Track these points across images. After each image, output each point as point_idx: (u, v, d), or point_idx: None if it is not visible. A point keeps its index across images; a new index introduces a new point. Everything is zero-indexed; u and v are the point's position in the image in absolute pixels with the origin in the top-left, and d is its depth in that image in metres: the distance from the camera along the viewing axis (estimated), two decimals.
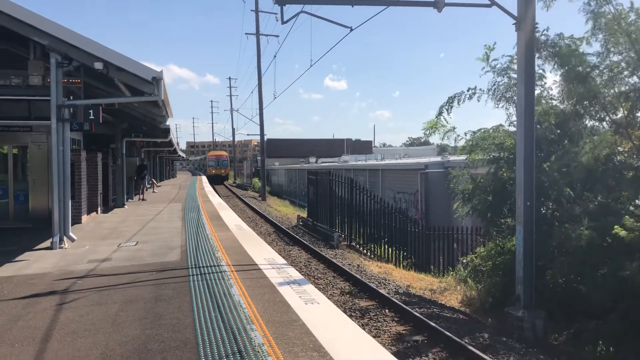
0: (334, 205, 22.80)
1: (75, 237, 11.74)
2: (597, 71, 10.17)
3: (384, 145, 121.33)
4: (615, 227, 8.19)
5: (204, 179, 56.31)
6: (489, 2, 10.10)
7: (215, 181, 63.88)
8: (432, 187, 24.11)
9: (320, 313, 6.12)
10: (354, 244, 20.47)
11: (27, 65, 11.68)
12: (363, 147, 77.02)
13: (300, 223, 25.69)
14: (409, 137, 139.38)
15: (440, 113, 12.27)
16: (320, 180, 24.56)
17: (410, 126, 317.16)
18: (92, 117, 11.53)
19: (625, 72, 9.94)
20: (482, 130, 12.32)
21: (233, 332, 5.43)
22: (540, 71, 11.17)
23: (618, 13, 9.86)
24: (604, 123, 10.65)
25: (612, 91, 10.04)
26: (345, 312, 8.11)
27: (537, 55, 10.49)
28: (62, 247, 11.06)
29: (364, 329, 7.44)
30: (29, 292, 7.40)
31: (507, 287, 10.85)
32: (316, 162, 53.07)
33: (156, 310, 6.35)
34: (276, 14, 36.08)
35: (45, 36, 10.73)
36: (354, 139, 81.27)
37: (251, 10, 34.37)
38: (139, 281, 7.93)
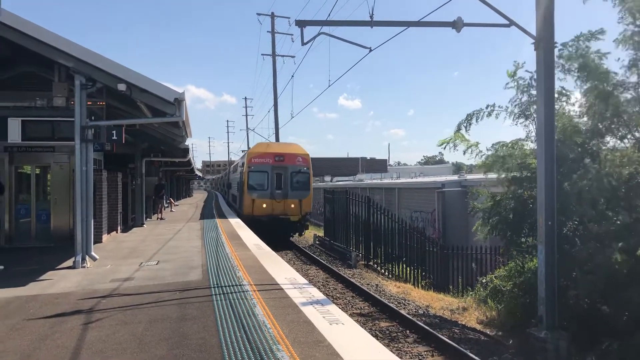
0: (351, 224, 22.77)
1: (97, 257, 11.86)
2: (622, 88, 10.13)
3: (399, 163, 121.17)
4: None
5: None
6: (508, 22, 10.15)
7: (272, 233, 23.12)
8: (449, 206, 24.03)
9: (345, 334, 6.10)
10: (371, 263, 20.39)
11: (52, 87, 11.92)
12: (378, 165, 76.92)
13: (317, 242, 25.68)
14: (423, 156, 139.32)
15: (458, 129, 12.29)
16: (337, 199, 24.59)
17: (425, 145, 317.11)
18: (115, 137, 11.75)
19: None
20: (501, 143, 12.27)
21: (260, 352, 5.44)
22: (560, 88, 11.15)
23: None
24: (626, 141, 10.58)
25: (636, 108, 9.98)
26: (369, 332, 8.05)
27: (559, 68, 10.51)
28: (84, 267, 11.15)
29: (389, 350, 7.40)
30: (55, 312, 7.47)
31: (529, 308, 10.74)
32: (331, 181, 53.16)
33: (181, 329, 6.38)
34: (292, 34, 36.41)
35: (70, 59, 10.95)
36: (368, 158, 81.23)
37: (267, 32, 34.75)
38: (162, 300, 7.98)
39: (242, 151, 39.01)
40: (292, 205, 24.28)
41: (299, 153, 25.46)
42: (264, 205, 23.98)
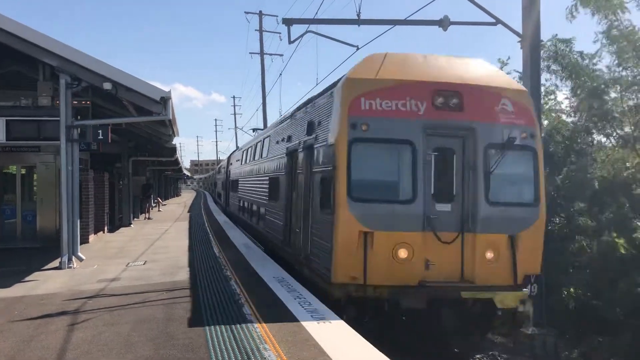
0: None
1: (83, 257, 11.75)
2: (604, 86, 10.22)
3: None
4: (635, 234, 8.25)
5: None
6: (494, 21, 10.20)
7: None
8: None
9: (333, 332, 6.08)
10: None
11: (36, 87, 11.78)
12: None
13: None
14: None
15: None
16: None
17: None
18: (100, 137, 11.64)
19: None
20: None
21: (247, 351, 5.40)
22: (552, 87, 11.24)
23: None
24: (612, 138, 10.67)
25: (619, 108, 10.07)
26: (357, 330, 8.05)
27: (545, 68, 10.58)
28: (70, 267, 11.06)
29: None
30: (40, 313, 7.39)
31: None
32: None
33: (168, 330, 6.33)
34: (280, 33, 36.30)
35: (55, 58, 10.83)
36: None
37: (255, 30, 34.61)
38: (149, 301, 7.92)
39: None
40: (490, 254, 7.87)
41: (502, 87, 8.31)
42: (403, 255, 7.68)
